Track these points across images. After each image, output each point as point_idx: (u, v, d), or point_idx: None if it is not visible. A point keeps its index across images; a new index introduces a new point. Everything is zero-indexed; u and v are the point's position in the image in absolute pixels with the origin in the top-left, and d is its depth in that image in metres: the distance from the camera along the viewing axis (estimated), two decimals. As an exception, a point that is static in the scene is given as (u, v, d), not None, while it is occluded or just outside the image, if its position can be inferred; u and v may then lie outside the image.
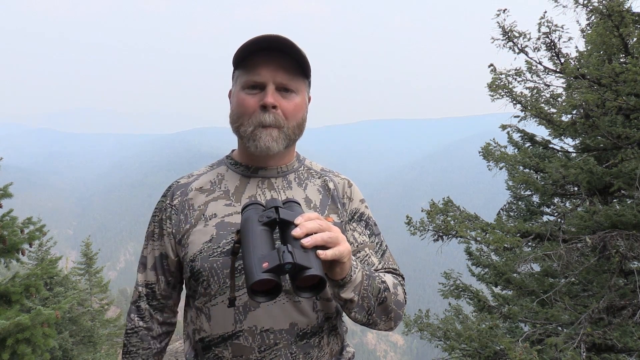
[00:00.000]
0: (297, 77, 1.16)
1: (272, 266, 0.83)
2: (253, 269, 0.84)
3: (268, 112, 1.13)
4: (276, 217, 0.94)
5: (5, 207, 4.90)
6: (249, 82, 1.14)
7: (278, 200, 1.00)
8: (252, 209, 1.00)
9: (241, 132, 1.17)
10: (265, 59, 1.12)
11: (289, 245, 0.85)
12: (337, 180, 1.30)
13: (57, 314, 4.36)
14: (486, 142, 7.21)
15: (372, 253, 1.24)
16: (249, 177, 1.24)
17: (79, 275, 13.83)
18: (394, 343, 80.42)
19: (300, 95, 1.18)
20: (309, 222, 0.90)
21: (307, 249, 0.86)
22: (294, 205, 1.01)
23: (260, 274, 0.83)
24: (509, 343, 4.90)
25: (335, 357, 1.23)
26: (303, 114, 1.20)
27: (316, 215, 0.93)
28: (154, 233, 1.26)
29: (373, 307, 1.07)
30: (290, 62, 1.14)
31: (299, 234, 0.87)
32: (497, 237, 5.64)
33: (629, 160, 5.34)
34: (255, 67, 1.13)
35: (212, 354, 1.14)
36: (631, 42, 5.26)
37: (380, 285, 1.08)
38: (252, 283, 0.83)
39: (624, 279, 5.97)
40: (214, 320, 1.13)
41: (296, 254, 0.84)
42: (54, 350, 9.71)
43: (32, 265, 10.99)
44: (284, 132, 1.16)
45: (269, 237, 0.93)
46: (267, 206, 0.98)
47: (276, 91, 1.14)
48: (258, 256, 0.86)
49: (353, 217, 1.27)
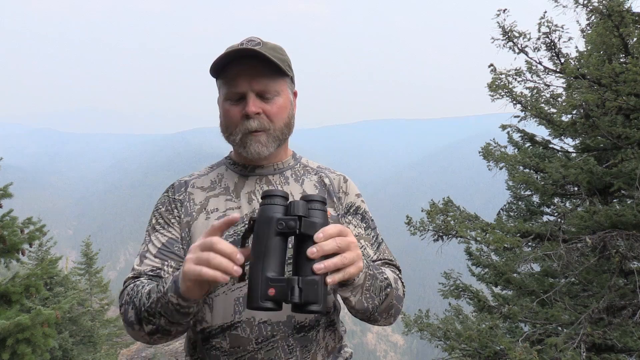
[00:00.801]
0: (275, 79, 1.19)
1: (277, 297, 0.84)
2: (258, 291, 0.84)
3: (252, 119, 1.17)
4: (296, 230, 0.88)
5: (5, 207, 4.91)
6: (230, 94, 1.19)
7: (304, 205, 0.90)
8: (275, 204, 0.90)
9: (231, 140, 1.23)
10: (241, 68, 1.16)
11: (301, 280, 0.84)
12: (332, 176, 1.34)
13: (57, 314, 4.37)
14: (486, 142, 7.21)
15: (368, 245, 1.27)
16: (247, 176, 1.28)
17: (79, 275, 13.84)
18: (394, 343, 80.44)
19: (283, 96, 1.21)
20: (327, 242, 0.87)
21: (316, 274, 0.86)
22: (318, 212, 0.92)
23: (264, 302, 0.84)
24: (509, 343, 4.90)
25: (333, 354, 1.24)
26: (288, 112, 1.23)
27: (337, 230, 0.89)
28: (158, 224, 1.24)
29: (376, 306, 1.09)
30: (266, 66, 1.16)
31: (315, 257, 0.86)
32: (497, 237, 5.64)
33: (629, 160, 5.34)
34: (233, 78, 1.17)
35: (211, 345, 1.15)
36: (631, 42, 5.26)
37: (383, 282, 1.09)
38: (253, 307, 0.85)
39: (624, 279, 5.97)
40: (216, 311, 1.14)
41: (305, 287, 0.84)
42: (54, 350, 9.71)
43: (32, 265, 10.99)
44: (272, 134, 1.20)
45: (283, 250, 0.89)
46: (292, 210, 0.89)
47: (257, 97, 1.17)
48: (267, 276, 0.85)
49: (349, 211, 1.30)
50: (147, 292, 1.04)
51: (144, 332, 1.06)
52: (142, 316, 1.03)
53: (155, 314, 1.01)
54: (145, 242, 1.24)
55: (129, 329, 1.10)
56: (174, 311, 0.98)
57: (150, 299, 1.02)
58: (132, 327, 1.07)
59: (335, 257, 0.87)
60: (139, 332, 1.07)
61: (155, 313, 1.01)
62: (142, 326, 1.05)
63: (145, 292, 1.05)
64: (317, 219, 0.90)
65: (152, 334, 1.06)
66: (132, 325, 1.07)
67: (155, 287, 1.03)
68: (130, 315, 1.07)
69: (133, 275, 1.17)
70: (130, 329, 1.09)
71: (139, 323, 1.05)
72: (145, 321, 1.04)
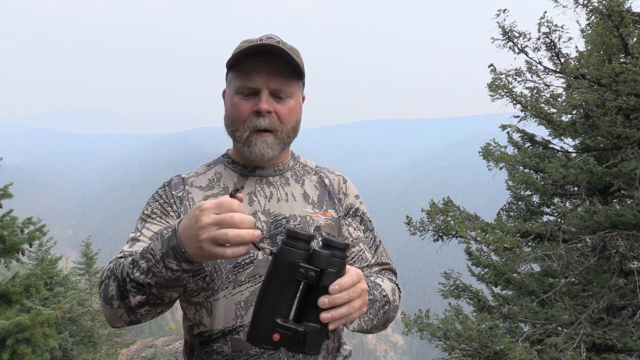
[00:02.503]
0: (290, 80, 1.17)
1: (280, 344, 0.85)
2: (262, 331, 0.85)
3: (262, 116, 1.14)
4: (315, 282, 0.85)
5: (5, 207, 4.90)
6: (242, 88, 1.15)
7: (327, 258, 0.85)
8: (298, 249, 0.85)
9: (236, 137, 1.19)
10: (259, 64, 1.13)
11: (307, 330, 0.84)
12: (332, 177, 1.33)
13: (57, 314, 4.36)
14: (486, 142, 7.21)
15: (367, 248, 1.28)
16: (247, 176, 1.25)
17: (79, 275, 13.83)
18: (394, 343, 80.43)
19: (294, 99, 1.19)
20: (340, 295, 0.86)
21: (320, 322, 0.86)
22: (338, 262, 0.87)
23: (267, 345, 0.85)
24: (509, 343, 4.90)
25: (332, 354, 1.24)
26: (297, 116, 1.22)
27: (352, 280, 0.87)
28: (154, 213, 1.18)
29: (374, 325, 1.13)
30: (283, 66, 1.15)
31: (326, 307, 0.85)
32: (497, 237, 5.64)
33: (629, 160, 5.34)
34: (248, 72, 1.14)
35: (211, 349, 1.14)
36: (631, 42, 5.26)
37: (381, 301, 1.12)
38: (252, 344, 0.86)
39: (624, 279, 5.97)
40: (216, 315, 1.12)
41: (308, 338, 0.84)
42: (54, 350, 9.71)
43: (32, 265, 10.99)
44: (279, 136, 1.18)
45: (294, 295, 0.87)
46: (314, 261, 0.85)
47: (270, 96, 1.15)
48: (275, 320, 0.85)
49: (348, 213, 1.30)
50: (130, 261, 0.96)
51: (126, 308, 0.98)
52: (127, 287, 0.95)
53: (145, 284, 0.93)
54: (138, 229, 1.16)
55: (107, 308, 1.01)
56: (173, 278, 0.92)
57: (136, 267, 0.94)
58: (111, 303, 0.99)
59: (343, 307, 0.86)
60: (118, 310, 0.99)
61: (145, 283, 0.93)
62: (124, 301, 0.96)
63: (128, 262, 0.96)
64: (336, 269, 0.86)
65: (139, 306, 0.97)
66: (112, 302, 0.98)
67: (140, 256, 0.94)
68: (112, 289, 0.98)
69: (121, 255, 1.09)
70: (108, 307, 1.00)
71: (121, 297, 0.97)
72: (133, 292, 0.95)
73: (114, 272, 1.00)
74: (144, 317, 1.02)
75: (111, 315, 1.01)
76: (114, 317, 1.02)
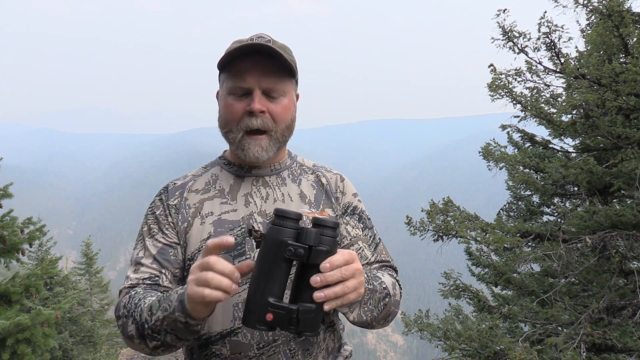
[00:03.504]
0: (283, 79, 1.16)
1: (274, 324, 0.84)
2: (255, 312, 0.85)
3: (255, 116, 1.13)
4: (305, 259, 0.85)
5: (5, 207, 4.90)
6: (235, 88, 1.15)
7: (316, 234, 0.87)
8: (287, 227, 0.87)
9: (230, 138, 1.18)
10: (250, 64, 1.13)
11: (300, 308, 0.84)
12: (329, 176, 1.32)
13: (57, 314, 4.36)
14: (486, 142, 7.21)
15: (366, 246, 1.26)
16: (243, 177, 1.24)
17: (79, 275, 13.84)
18: (394, 343, 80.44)
19: (288, 97, 1.18)
20: (332, 273, 0.86)
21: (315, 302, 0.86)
22: (328, 239, 0.88)
23: (260, 325, 0.85)
24: (509, 343, 4.90)
25: (332, 354, 1.24)
26: (291, 114, 1.21)
27: (344, 259, 0.88)
28: (151, 230, 1.20)
29: (375, 317, 1.10)
30: (275, 64, 1.14)
31: (317, 286, 0.85)
32: (497, 237, 5.64)
33: (629, 160, 5.34)
34: (240, 72, 1.14)
35: (210, 352, 1.14)
36: (631, 42, 5.27)
37: (381, 293, 1.10)
38: (247, 326, 0.87)
39: (624, 279, 5.97)
40: (214, 317, 1.12)
41: (302, 317, 0.84)
42: (54, 350, 9.71)
43: (32, 265, 11.00)
44: (273, 136, 1.17)
45: (287, 274, 0.88)
46: (303, 237, 0.86)
47: (263, 95, 1.14)
48: (267, 300, 0.85)
49: (346, 211, 1.29)
50: (149, 307, 1.01)
51: (145, 346, 1.04)
52: (145, 333, 1.01)
53: (161, 332, 0.99)
54: (138, 249, 1.19)
55: (128, 342, 1.07)
56: (183, 329, 0.97)
57: (153, 315, 0.99)
58: (132, 340, 1.05)
59: (337, 286, 0.87)
60: (139, 345, 1.05)
61: (161, 330, 0.99)
62: (144, 341, 1.03)
63: (146, 307, 1.01)
64: (326, 247, 0.87)
65: (157, 348, 1.03)
66: (132, 339, 1.05)
67: (158, 304, 1.00)
68: (131, 329, 1.04)
69: (129, 285, 1.13)
70: (130, 342, 1.06)
71: (140, 337, 1.03)
72: (150, 338, 1.01)
73: (131, 313, 1.05)
74: (160, 354, 1.08)
75: (135, 348, 1.09)
76: (138, 349, 1.08)
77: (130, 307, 1.05)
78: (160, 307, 0.98)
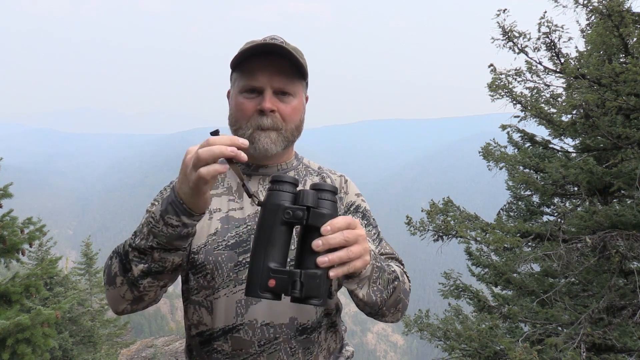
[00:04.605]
0: (294, 80, 1.18)
1: (277, 289, 0.82)
2: (258, 280, 0.83)
3: (266, 115, 1.15)
4: (304, 220, 0.84)
5: (5, 207, 4.90)
6: (246, 87, 1.17)
7: (313, 195, 0.86)
8: (284, 191, 0.86)
9: (239, 135, 1.18)
10: (263, 63, 1.15)
11: (303, 274, 0.82)
12: (333, 177, 1.34)
13: (57, 314, 4.36)
14: (486, 142, 7.22)
15: (370, 241, 1.25)
16: (250, 175, 1.25)
17: (79, 275, 13.85)
18: (394, 343, 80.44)
19: (298, 98, 1.21)
20: (334, 235, 0.84)
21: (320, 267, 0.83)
22: (327, 203, 0.87)
23: (263, 292, 0.82)
24: (509, 343, 4.90)
25: (334, 354, 1.24)
26: (301, 115, 1.23)
27: (346, 222, 0.86)
28: (157, 202, 1.21)
29: (384, 299, 1.07)
30: (287, 65, 1.16)
31: (320, 250, 0.83)
32: (497, 237, 5.64)
33: (629, 160, 5.34)
34: (252, 71, 1.15)
35: (211, 348, 1.14)
36: (631, 42, 5.26)
37: (390, 275, 1.07)
38: (251, 295, 0.83)
39: (624, 279, 5.97)
40: (216, 314, 1.13)
41: (306, 280, 0.81)
42: (54, 350, 9.71)
43: (32, 265, 10.99)
44: (282, 134, 1.19)
45: (288, 239, 0.86)
46: (301, 199, 0.85)
47: (274, 95, 1.16)
48: (268, 266, 0.82)
49: (349, 210, 1.30)
50: (133, 233, 1.00)
51: (129, 283, 1.00)
52: (130, 258, 0.98)
53: (146, 250, 0.96)
54: None
55: (110, 290, 1.04)
56: (174, 235, 0.94)
57: (138, 235, 0.97)
58: (114, 282, 1.02)
59: (341, 251, 0.84)
60: (121, 288, 1.02)
61: (146, 248, 0.96)
62: (126, 274, 0.99)
63: (130, 236, 1.00)
64: (325, 210, 0.86)
65: (142, 276, 0.99)
66: (115, 280, 1.01)
67: (142, 224, 0.98)
68: (114, 266, 1.01)
69: None
70: (112, 288, 1.04)
71: (123, 271, 0.99)
72: (135, 261, 0.98)
73: (116, 251, 1.04)
74: (147, 292, 1.03)
75: (115, 296, 1.04)
76: (118, 297, 1.04)
77: (117, 249, 1.05)
78: (145, 223, 0.96)
